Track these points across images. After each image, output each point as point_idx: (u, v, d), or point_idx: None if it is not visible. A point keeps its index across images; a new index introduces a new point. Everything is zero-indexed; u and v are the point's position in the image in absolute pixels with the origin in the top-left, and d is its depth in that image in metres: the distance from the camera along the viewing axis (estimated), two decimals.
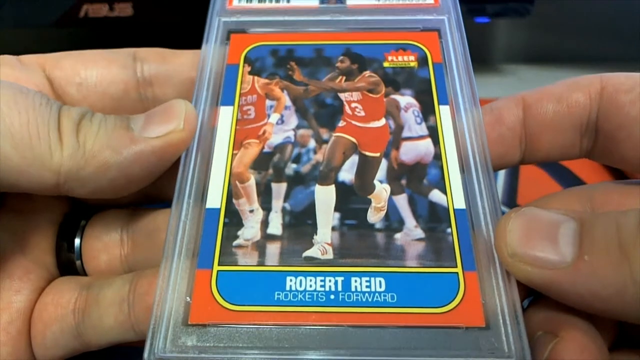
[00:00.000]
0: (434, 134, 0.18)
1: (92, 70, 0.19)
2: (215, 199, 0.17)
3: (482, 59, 0.43)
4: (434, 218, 0.17)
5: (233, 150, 0.18)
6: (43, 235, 0.19)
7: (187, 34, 0.24)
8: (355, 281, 0.15)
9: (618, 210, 0.15)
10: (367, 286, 0.15)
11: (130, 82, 0.20)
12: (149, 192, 0.19)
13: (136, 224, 0.19)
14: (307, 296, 0.15)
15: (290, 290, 0.15)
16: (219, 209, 0.17)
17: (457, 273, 0.16)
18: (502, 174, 0.31)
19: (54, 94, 0.19)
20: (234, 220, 0.17)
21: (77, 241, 0.19)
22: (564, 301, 0.15)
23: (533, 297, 0.17)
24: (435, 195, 0.17)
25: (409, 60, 0.20)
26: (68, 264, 0.19)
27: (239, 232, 0.16)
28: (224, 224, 0.17)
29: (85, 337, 0.18)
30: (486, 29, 0.42)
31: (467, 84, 0.20)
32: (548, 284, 0.14)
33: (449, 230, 0.16)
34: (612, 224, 0.14)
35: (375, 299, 0.15)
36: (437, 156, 0.18)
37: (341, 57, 0.21)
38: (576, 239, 0.14)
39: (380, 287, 0.15)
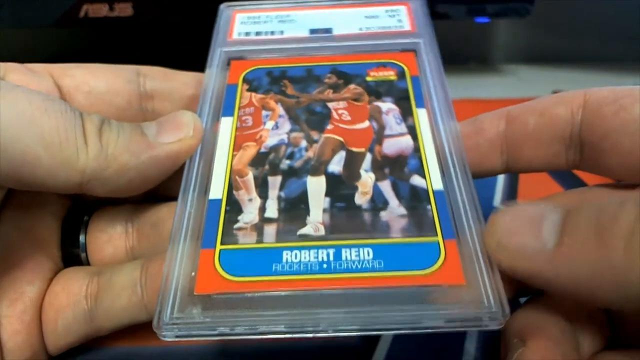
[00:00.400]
0: (412, 131, 0.21)
1: (101, 81, 0.21)
2: (217, 191, 0.19)
3: (482, 59, 0.43)
4: (415, 198, 0.18)
5: (233, 151, 0.20)
6: (49, 229, 0.20)
7: (187, 35, 0.25)
8: (346, 252, 0.17)
9: (602, 201, 0.15)
10: (356, 255, 0.17)
11: (134, 95, 0.22)
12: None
13: (140, 217, 0.21)
14: (302, 266, 0.17)
15: (287, 262, 0.17)
16: (221, 199, 0.19)
17: (437, 241, 0.17)
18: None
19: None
20: (234, 208, 0.18)
21: (82, 234, 0.21)
22: (547, 289, 0.15)
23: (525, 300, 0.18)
24: (416, 180, 0.19)
25: (389, 74, 0.23)
26: (73, 257, 0.21)
27: (239, 217, 0.18)
28: (226, 211, 0.18)
29: (98, 321, 0.19)
30: (486, 29, 0.42)
31: (441, 91, 0.22)
32: (531, 271, 0.15)
33: (429, 207, 0.18)
34: (593, 212, 0.14)
35: (364, 265, 0.17)
36: (416, 149, 0.20)
37: (329, 75, 0.23)
38: (559, 227, 0.15)
39: (369, 255, 0.17)
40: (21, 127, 0.16)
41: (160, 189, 0.20)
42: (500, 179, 0.30)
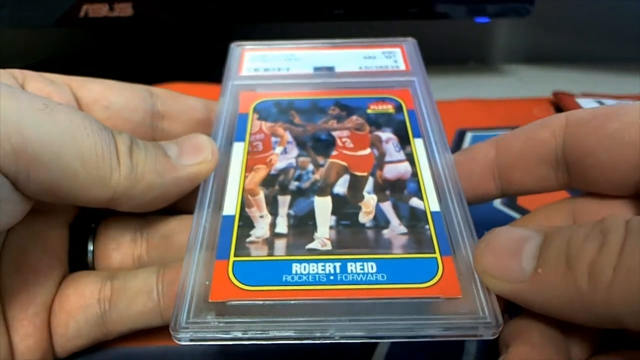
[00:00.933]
0: (410, 158, 0.22)
1: (119, 96, 0.22)
2: (230, 208, 0.20)
3: (482, 59, 0.43)
4: (414, 218, 0.20)
5: (245, 173, 0.22)
6: (59, 234, 0.21)
7: (188, 36, 0.26)
8: (351, 265, 0.18)
9: (576, 224, 0.17)
10: (361, 269, 0.18)
11: (148, 113, 0.23)
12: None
13: (150, 228, 0.22)
14: (310, 278, 0.18)
15: (296, 274, 0.18)
16: (234, 216, 0.20)
17: (435, 257, 0.18)
18: None
19: None
20: (246, 223, 0.20)
21: (90, 240, 0.22)
22: (531, 309, 0.17)
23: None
24: (415, 202, 0.21)
25: (388, 108, 0.25)
26: (81, 262, 0.21)
27: (251, 232, 0.19)
28: (239, 226, 0.20)
29: (110, 325, 0.20)
30: (486, 29, 0.42)
31: (435, 123, 0.24)
32: (513, 295, 0.16)
33: (427, 227, 0.20)
34: (565, 237, 0.16)
35: (368, 278, 0.18)
36: (414, 174, 0.22)
37: (332, 107, 0.25)
38: (536, 254, 0.16)
39: (372, 269, 0.18)
40: (63, 146, 0.17)
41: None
42: None
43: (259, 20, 0.28)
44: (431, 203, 0.21)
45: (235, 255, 0.19)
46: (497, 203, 0.30)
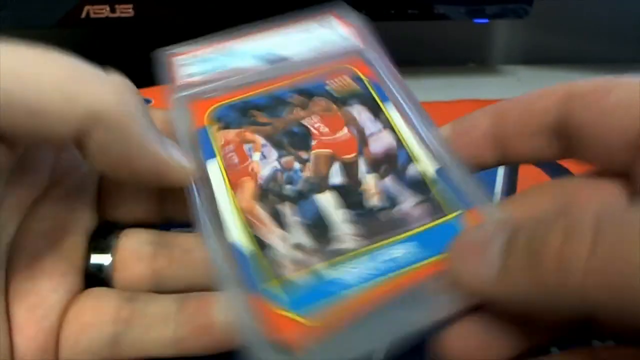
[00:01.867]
0: (387, 125, 0.22)
1: None
2: (236, 234, 0.19)
3: (481, 60, 0.43)
4: (420, 185, 0.20)
5: (232, 191, 0.20)
6: (77, 241, 0.21)
7: (189, 37, 0.25)
8: (391, 251, 0.18)
9: (544, 215, 0.15)
10: (403, 251, 0.18)
11: None
12: (169, 214, 0.22)
13: (170, 242, 0.21)
14: (358, 278, 0.17)
15: (339, 281, 0.17)
16: (244, 243, 0.19)
17: (461, 213, 0.19)
18: (501, 170, 0.33)
19: None
20: (261, 246, 0.18)
21: (109, 251, 0.21)
22: (500, 307, 0.16)
23: None
24: (412, 170, 0.20)
25: (345, 80, 0.24)
26: (98, 272, 0.21)
27: (271, 253, 0.18)
28: (255, 252, 0.18)
29: (123, 346, 0.19)
30: (485, 30, 0.43)
31: (398, 82, 0.23)
32: (483, 295, 0.16)
33: (438, 188, 0.19)
34: (532, 229, 0.15)
35: (416, 257, 0.18)
36: (400, 144, 0.21)
37: (290, 94, 0.24)
38: (503, 250, 0.15)
39: (414, 247, 0.18)
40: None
41: (177, 215, 0.22)
42: (500, 174, 0.32)
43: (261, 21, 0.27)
44: (428, 166, 0.20)
45: (271, 285, 0.17)
46: (496, 203, 0.30)
